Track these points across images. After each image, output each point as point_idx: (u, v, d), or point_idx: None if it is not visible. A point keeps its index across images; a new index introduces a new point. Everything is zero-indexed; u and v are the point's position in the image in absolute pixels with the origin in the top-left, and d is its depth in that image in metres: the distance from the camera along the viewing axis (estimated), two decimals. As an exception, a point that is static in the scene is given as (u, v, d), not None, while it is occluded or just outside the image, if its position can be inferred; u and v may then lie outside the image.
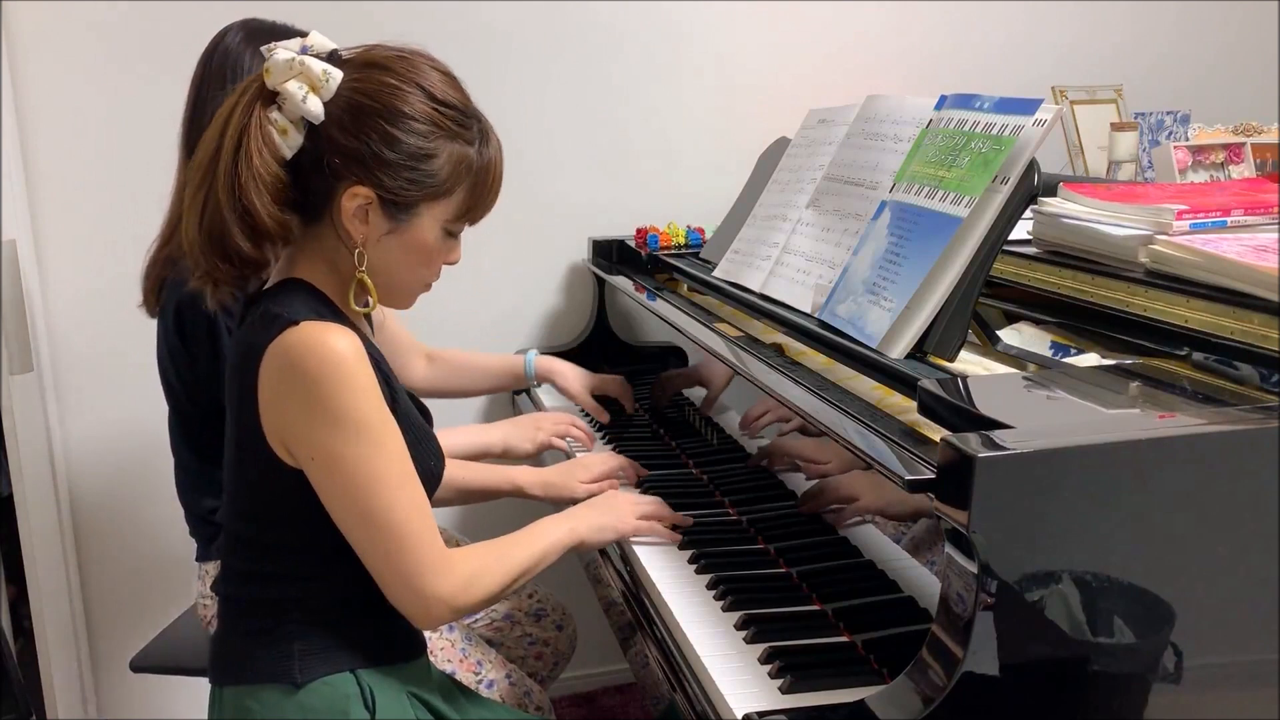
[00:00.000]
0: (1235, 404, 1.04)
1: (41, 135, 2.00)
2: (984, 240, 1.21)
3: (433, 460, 1.28)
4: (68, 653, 2.11)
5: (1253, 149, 1.93)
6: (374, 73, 1.15)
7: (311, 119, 1.14)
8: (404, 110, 1.14)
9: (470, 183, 1.20)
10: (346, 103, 1.14)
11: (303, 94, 1.12)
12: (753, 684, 1.10)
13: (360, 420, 1.12)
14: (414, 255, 1.21)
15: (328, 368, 1.10)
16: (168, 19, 2.01)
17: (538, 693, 1.67)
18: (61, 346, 2.07)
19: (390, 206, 1.16)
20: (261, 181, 1.12)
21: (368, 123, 1.13)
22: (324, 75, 1.13)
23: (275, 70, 1.13)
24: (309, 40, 1.17)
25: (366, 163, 1.14)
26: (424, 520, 1.16)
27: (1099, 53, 2.53)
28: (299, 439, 1.13)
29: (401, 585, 1.16)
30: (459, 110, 1.18)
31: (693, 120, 2.33)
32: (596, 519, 1.39)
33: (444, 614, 1.19)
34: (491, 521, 1.94)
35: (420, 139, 1.15)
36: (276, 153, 1.13)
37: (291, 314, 1.13)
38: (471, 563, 1.22)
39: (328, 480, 1.14)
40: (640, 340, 2.22)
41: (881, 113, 1.52)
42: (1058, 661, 0.94)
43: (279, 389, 1.13)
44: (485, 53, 2.18)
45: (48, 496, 2.05)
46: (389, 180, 1.15)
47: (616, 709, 2.44)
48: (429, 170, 1.16)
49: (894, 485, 1.01)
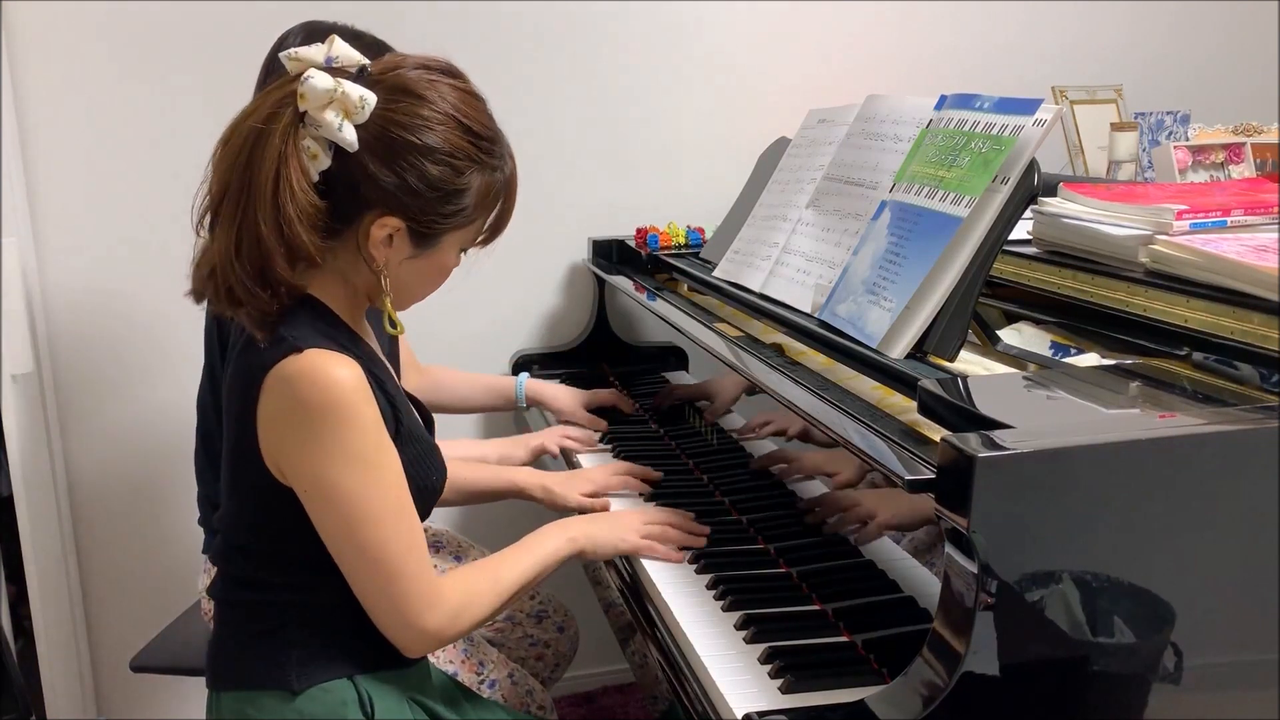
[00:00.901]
0: (1235, 404, 1.04)
1: (41, 135, 2.00)
2: (984, 240, 1.21)
3: (434, 476, 1.27)
4: (68, 653, 2.11)
5: (1253, 149, 1.93)
6: (408, 102, 1.12)
7: (346, 147, 1.11)
8: (438, 146, 1.12)
9: (494, 211, 1.21)
10: (380, 132, 1.11)
11: (339, 122, 1.09)
12: (752, 684, 1.10)
13: (359, 455, 1.11)
14: (431, 276, 1.22)
15: (329, 401, 1.09)
16: (168, 19, 2.01)
17: (540, 692, 1.67)
18: (61, 346, 2.07)
19: (417, 235, 1.16)
20: (304, 214, 1.10)
21: (403, 156, 1.12)
22: (360, 102, 1.10)
23: (312, 97, 1.09)
24: (334, 51, 1.13)
25: (399, 195, 1.12)
26: (417, 554, 1.15)
27: (1099, 53, 2.53)
28: (296, 468, 1.12)
29: (390, 617, 1.16)
30: (488, 139, 1.17)
31: (693, 120, 2.33)
32: (596, 533, 1.38)
33: (429, 645, 1.20)
34: (491, 520, 1.95)
35: (453, 173, 1.14)
36: (312, 180, 1.11)
37: (296, 338, 1.11)
38: (460, 593, 1.20)
39: (323, 511, 1.13)
40: (640, 340, 2.22)
41: (881, 113, 1.52)
42: (1058, 661, 0.94)
43: (278, 416, 1.12)
44: (485, 52, 2.18)
45: (48, 496, 2.05)
46: (419, 213, 1.14)
47: (616, 709, 2.44)
48: (460, 203, 1.16)
49: (903, 497, 1.01)
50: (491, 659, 1.64)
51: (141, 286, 2.08)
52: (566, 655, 1.88)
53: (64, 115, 2.01)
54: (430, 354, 2.19)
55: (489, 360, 2.28)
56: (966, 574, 0.91)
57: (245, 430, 1.15)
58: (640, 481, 1.60)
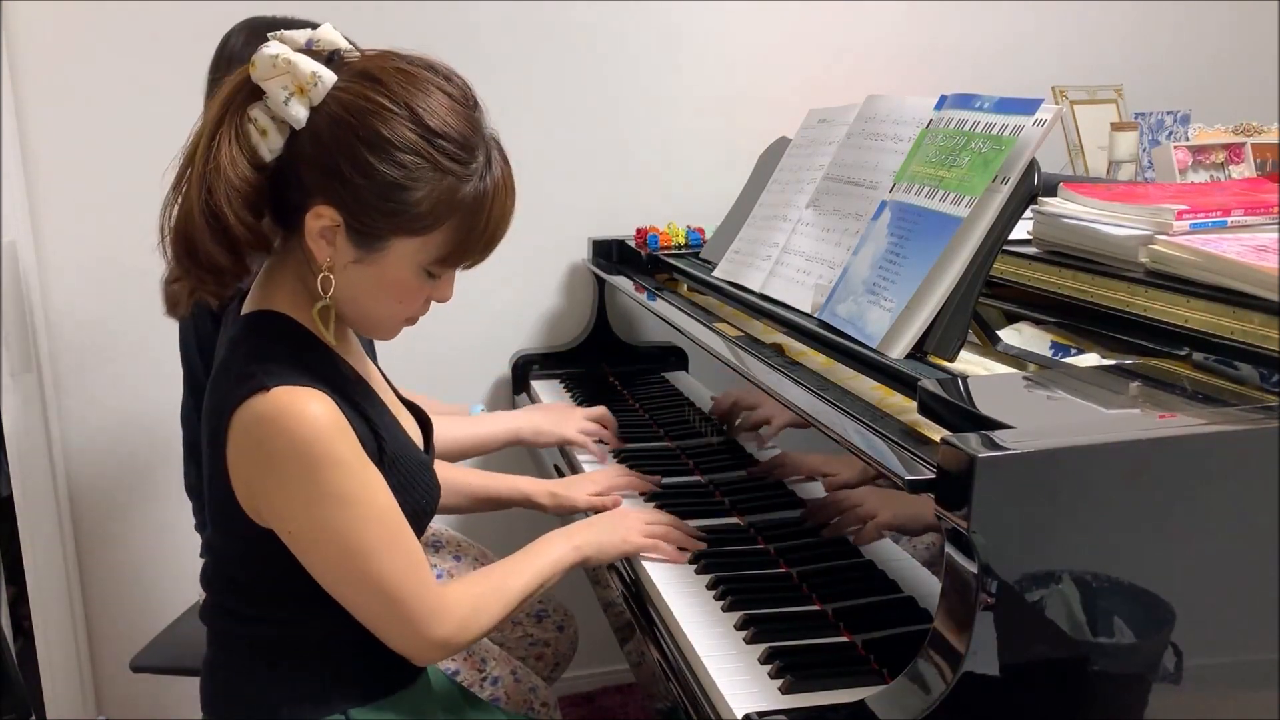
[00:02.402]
0: (1235, 404, 1.04)
1: (41, 135, 2.00)
2: (984, 240, 1.21)
3: (424, 499, 1.20)
4: (68, 653, 2.11)
5: (1253, 149, 1.93)
6: (366, 85, 1.04)
7: (292, 123, 1.04)
8: (385, 135, 1.02)
9: (457, 222, 1.07)
10: (330, 115, 1.04)
11: (285, 95, 1.02)
12: (753, 684, 1.10)
13: (340, 495, 1.05)
14: (385, 291, 1.10)
15: (300, 444, 1.03)
16: (168, 19, 2.01)
17: (543, 689, 1.67)
18: (61, 346, 2.07)
19: (355, 234, 1.06)
20: (230, 185, 1.03)
21: (343, 141, 1.03)
22: (313, 78, 1.03)
23: (260, 65, 1.03)
24: (317, 34, 1.07)
25: (335, 184, 1.04)
26: (417, 573, 1.11)
27: (1099, 53, 2.53)
28: (274, 513, 1.08)
29: (397, 636, 1.13)
30: (456, 144, 1.05)
31: (693, 120, 2.33)
32: (600, 536, 1.35)
33: (440, 655, 1.16)
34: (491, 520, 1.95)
35: (398, 169, 1.03)
36: (254, 155, 1.04)
37: (264, 375, 1.04)
38: (467, 603, 1.17)
39: (311, 552, 1.08)
40: (640, 340, 2.22)
41: (881, 113, 1.52)
42: (1058, 661, 0.94)
43: (247, 462, 1.06)
44: (486, 53, 2.18)
45: (48, 496, 2.05)
46: (357, 207, 1.04)
47: (616, 709, 2.44)
48: (404, 202, 1.04)
49: (904, 499, 1.01)
50: (494, 656, 1.64)
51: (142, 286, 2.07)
52: (566, 655, 1.88)
53: (64, 115, 2.01)
54: (430, 355, 2.20)
55: (489, 360, 2.28)
56: (966, 574, 0.91)
57: (219, 468, 1.09)
58: (642, 480, 1.59)
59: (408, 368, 1.99)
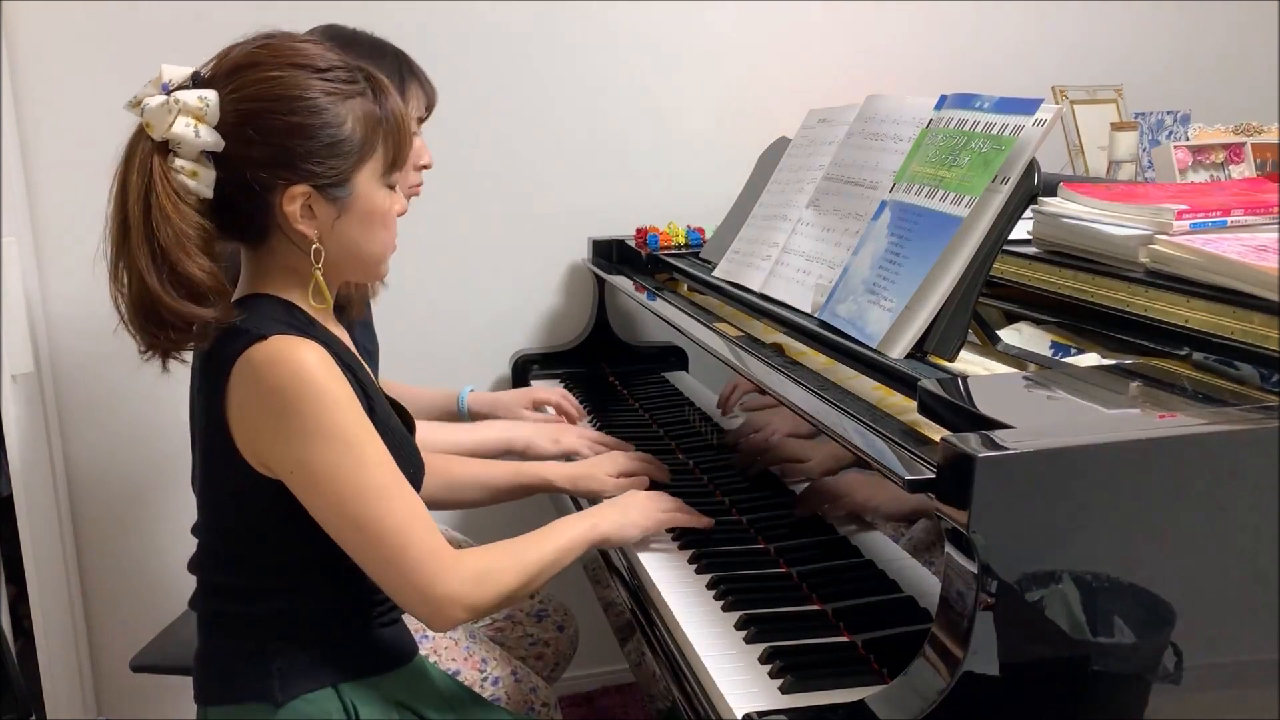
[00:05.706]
0: (1235, 404, 1.04)
1: (41, 135, 2.00)
2: (984, 240, 1.21)
3: (411, 469, 1.22)
4: (68, 653, 2.11)
5: (1253, 149, 1.93)
6: (248, 74, 1.11)
7: (215, 149, 1.09)
8: (295, 95, 1.10)
9: (385, 132, 1.16)
10: (236, 117, 1.09)
11: (193, 129, 1.07)
12: (752, 684, 1.10)
13: (338, 432, 1.09)
14: (369, 223, 1.18)
15: (297, 383, 1.08)
16: (168, 19, 2.01)
17: (544, 689, 1.67)
18: (61, 346, 2.07)
19: (327, 190, 1.13)
20: (184, 235, 1.07)
21: (269, 125, 1.10)
22: (202, 103, 1.08)
23: (155, 119, 1.08)
24: (166, 76, 1.11)
25: (288, 162, 1.10)
26: (420, 522, 1.13)
27: (1099, 53, 2.53)
28: (276, 456, 1.11)
29: (409, 590, 1.13)
30: (342, 69, 1.14)
31: (693, 120, 2.33)
32: (619, 516, 1.36)
33: (458, 613, 1.15)
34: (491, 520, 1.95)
35: (323, 113, 1.11)
36: (195, 200, 1.09)
37: (258, 328, 1.10)
38: (482, 560, 1.18)
39: (313, 495, 1.11)
40: (640, 340, 2.22)
41: (881, 113, 1.52)
42: (1058, 661, 0.94)
43: (249, 406, 1.10)
44: (485, 53, 2.18)
45: (48, 496, 2.05)
46: (317, 167, 1.11)
47: (616, 709, 2.44)
48: (344, 139, 1.12)
49: (889, 484, 1.01)
50: (494, 656, 1.64)
51: (141, 286, 2.08)
52: (566, 655, 1.88)
53: (64, 115, 2.00)
54: (430, 355, 2.19)
55: (489, 360, 2.28)
56: (966, 574, 0.91)
57: (217, 427, 1.13)
58: (659, 471, 1.58)
59: (408, 367, 1.99)
